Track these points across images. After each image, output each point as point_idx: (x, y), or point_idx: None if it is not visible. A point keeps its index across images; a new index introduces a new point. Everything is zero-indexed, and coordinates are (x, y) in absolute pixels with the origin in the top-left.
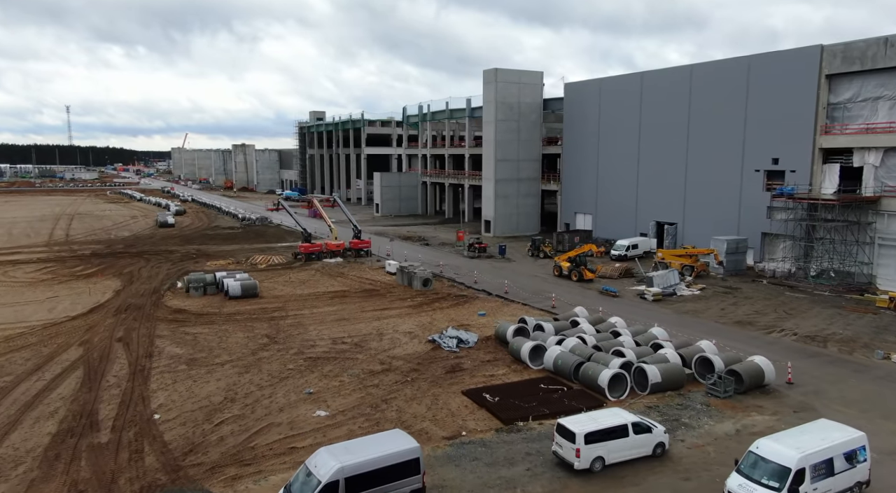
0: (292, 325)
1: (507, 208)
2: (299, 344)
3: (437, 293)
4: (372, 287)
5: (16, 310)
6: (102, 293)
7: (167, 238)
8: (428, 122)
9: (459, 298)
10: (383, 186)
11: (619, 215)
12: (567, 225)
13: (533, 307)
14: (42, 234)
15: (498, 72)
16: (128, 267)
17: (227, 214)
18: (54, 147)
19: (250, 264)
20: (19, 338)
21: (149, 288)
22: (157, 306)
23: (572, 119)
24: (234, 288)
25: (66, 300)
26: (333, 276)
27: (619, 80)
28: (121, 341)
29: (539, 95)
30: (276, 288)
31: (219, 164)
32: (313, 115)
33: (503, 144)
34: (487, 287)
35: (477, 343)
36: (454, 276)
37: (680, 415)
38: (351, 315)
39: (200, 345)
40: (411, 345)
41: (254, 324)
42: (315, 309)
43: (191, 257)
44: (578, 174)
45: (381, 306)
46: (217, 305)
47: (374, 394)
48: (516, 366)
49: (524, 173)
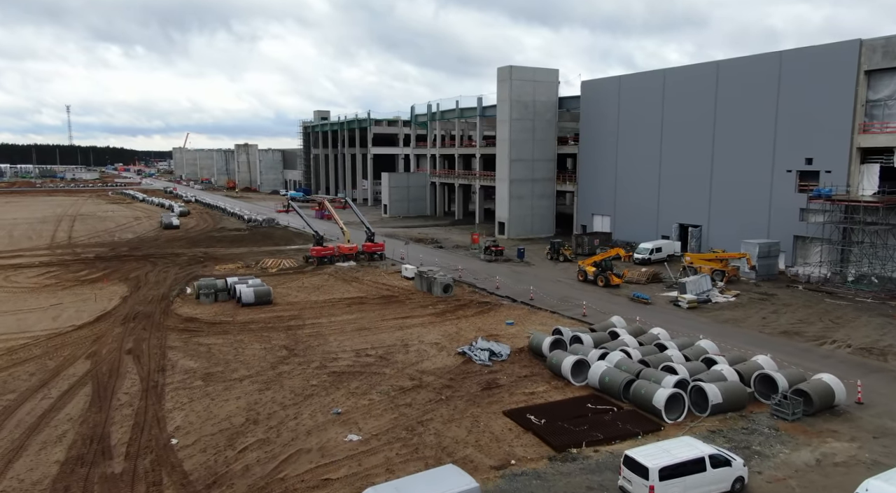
0: (311, 335)
1: (521, 210)
2: (321, 357)
3: (458, 300)
4: (390, 293)
5: (18, 318)
6: (109, 300)
7: (172, 240)
8: (437, 121)
9: (483, 305)
10: (391, 186)
11: (639, 217)
12: (583, 227)
13: (563, 316)
14: (44, 236)
15: (513, 69)
16: (134, 271)
17: (232, 216)
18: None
19: (260, 269)
20: (23, 350)
21: (157, 294)
22: (167, 314)
23: (589, 118)
24: (247, 295)
25: (71, 308)
26: (348, 281)
27: (640, 77)
28: (130, 353)
29: (554, 94)
30: (290, 294)
31: (221, 164)
32: (318, 114)
33: (518, 143)
34: (511, 293)
35: (510, 356)
36: (474, 281)
37: (749, 441)
38: (372, 324)
39: (215, 358)
40: (440, 358)
41: (270, 334)
42: (333, 317)
43: (198, 260)
44: (596, 175)
45: (403, 313)
46: (230, 312)
47: (407, 415)
48: (556, 382)
49: (539, 174)
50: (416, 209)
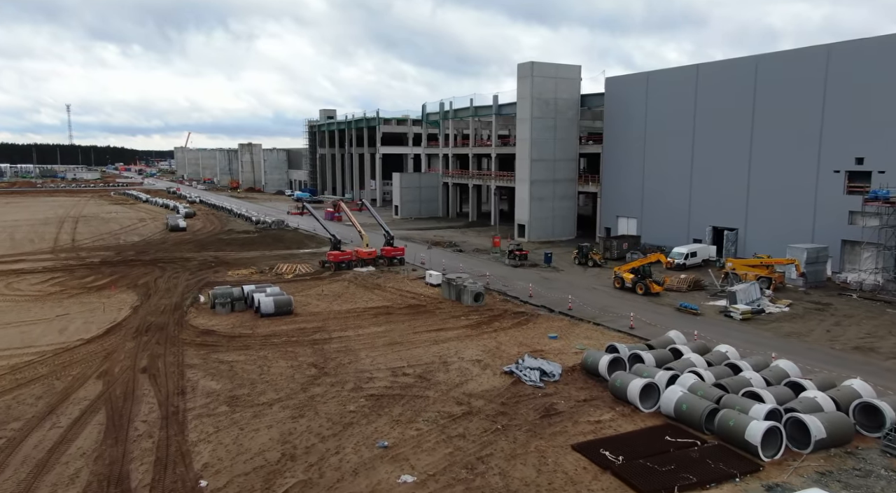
0: (339, 350)
1: (542, 212)
2: (354, 377)
3: (491, 310)
4: (417, 302)
5: (22, 331)
6: (118, 310)
7: (180, 243)
8: (450, 120)
9: (519, 315)
10: (403, 187)
11: (668, 220)
12: (607, 230)
13: (608, 328)
14: (46, 239)
15: (534, 65)
16: (142, 277)
17: (239, 217)
18: (55, 147)
19: (275, 274)
20: (28, 368)
21: (169, 303)
22: (182, 326)
23: (614, 116)
24: (266, 305)
25: (78, 318)
26: (369, 288)
27: (670, 73)
28: (145, 371)
29: (577, 91)
30: (310, 303)
31: (224, 163)
32: (324, 113)
33: (539, 142)
34: (546, 302)
35: (562, 376)
36: (504, 288)
37: (870, 487)
38: (403, 338)
39: (239, 377)
40: (485, 378)
41: (295, 349)
42: (360, 330)
43: (209, 265)
44: (621, 175)
45: (434, 325)
46: (249, 324)
47: (463, 449)
48: (622, 408)
49: (560, 174)
50: (427, 210)
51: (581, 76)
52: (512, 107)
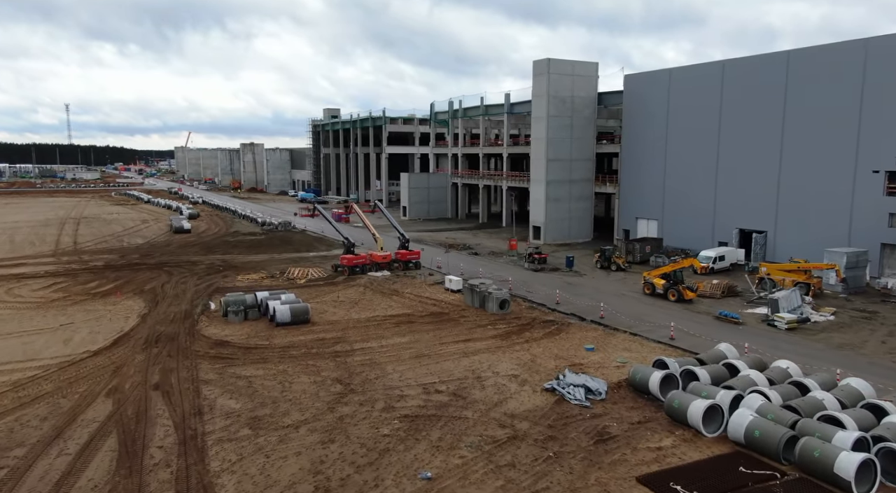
0: (364, 364)
1: (558, 213)
2: (383, 394)
3: (518, 318)
4: (438, 309)
5: (24, 342)
6: (125, 318)
7: (185, 246)
8: (459, 119)
9: (549, 325)
10: (411, 187)
11: (691, 222)
12: (626, 232)
13: (646, 339)
14: (48, 241)
15: (551, 62)
16: (148, 282)
17: (244, 218)
18: (54, 146)
19: (287, 279)
20: (31, 384)
21: (179, 311)
22: (194, 337)
23: (633, 114)
24: (282, 313)
25: (84, 328)
26: (386, 294)
27: (693, 69)
28: (158, 388)
29: (594, 88)
30: (326, 311)
31: (225, 163)
32: (327, 112)
33: (555, 142)
34: (575, 310)
35: (608, 393)
36: (528, 294)
37: None
38: (430, 349)
39: (259, 395)
40: (525, 395)
41: (316, 362)
42: (383, 341)
43: (217, 269)
44: (641, 175)
45: (461, 335)
46: (264, 334)
47: (516, 482)
48: (681, 431)
49: (577, 174)
50: (436, 211)
51: (598, 74)
52: (524, 105)
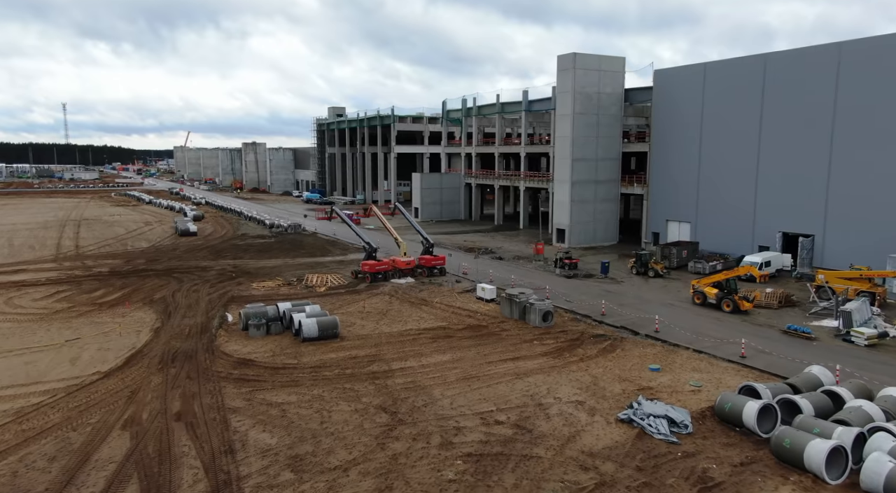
0: (408, 387)
1: (583, 215)
2: (437, 426)
3: (564, 331)
4: (475, 322)
5: (27, 361)
6: (136, 332)
7: (193, 250)
8: (473, 117)
9: (600, 339)
10: (424, 188)
11: (728, 224)
12: (655, 235)
13: (714, 357)
14: (48, 245)
15: (577, 57)
16: (158, 290)
17: (250, 220)
18: (51, 146)
19: (305, 287)
20: (36, 414)
21: (194, 324)
22: (213, 354)
23: (664, 111)
24: (308, 328)
25: (92, 344)
26: (415, 304)
27: (731, 64)
28: (180, 419)
29: (620, 85)
30: (354, 323)
31: (226, 163)
32: (332, 111)
33: (580, 140)
34: (625, 322)
35: (692, 424)
36: (568, 304)
37: None
38: (477, 370)
39: (296, 427)
40: (599, 427)
41: (354, 386)
42: (423, 359)
43: (229, 275)
44: (671, 176)
45: (507, 353)
46: (291, 351)
47: None
48: (795, 476)
49: (602, 175)
50: (449, 213)
51: (625, 69)
52: (543, 103)
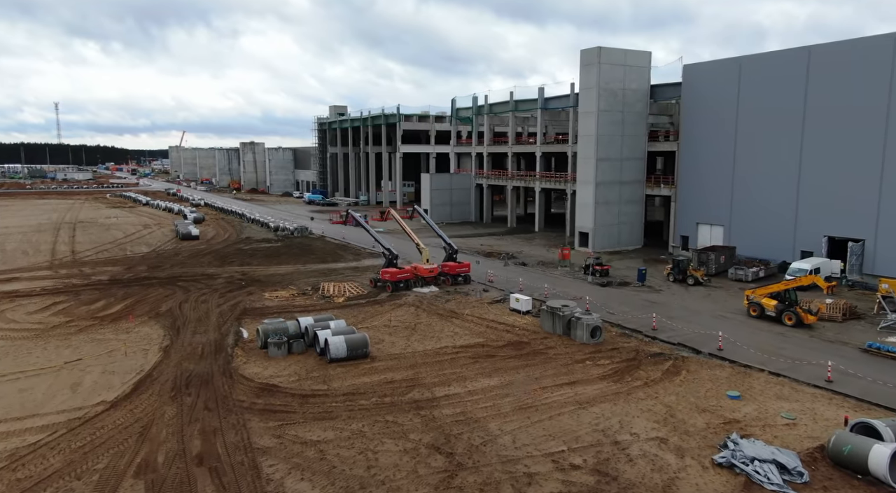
0: (458, 421)
1: (608, 218)
2: (503, 471)
3: (616, 349)
4: (515, 337)
5: (22, 388)
6: (143, 351)
7: (196, 255)
8: (485, 115)
9: (659, 359)
10: (433, 189)
11: (767, 228)
12: (684, 239)
13: (795, 381)
14: (42, 250)
15: (601, 51)
16: (163, 301)
17: (253, 223)
18: (44, 146)
19: (322, 297)
20: (34, 458)
21: (206, 342)
22: (232, 379)
23: (694, 108)
24: (336, 347)
25: (95, 366)
26: (444, 316)
27: (771, 58)
28: (202, 463)
29: (646, 81)
30: (382, 339)
31: (223, 163)
32: (334, 109)
33: (605, 139)
34: (681, 338)
35: (804, 470)
36: (610, 315)
37: None
38: (532, 397)
39: (339, 473)
40: (695, 473)
41: (396, 418)
42: (468, 383)
43: (238, 284)
44: (703, 176)
45: (562, 376)
46: (318, 374)
47: None
48: None
49: (627, 175)
50: (459, 214)
51: (651, 64)
52: (560, 100)
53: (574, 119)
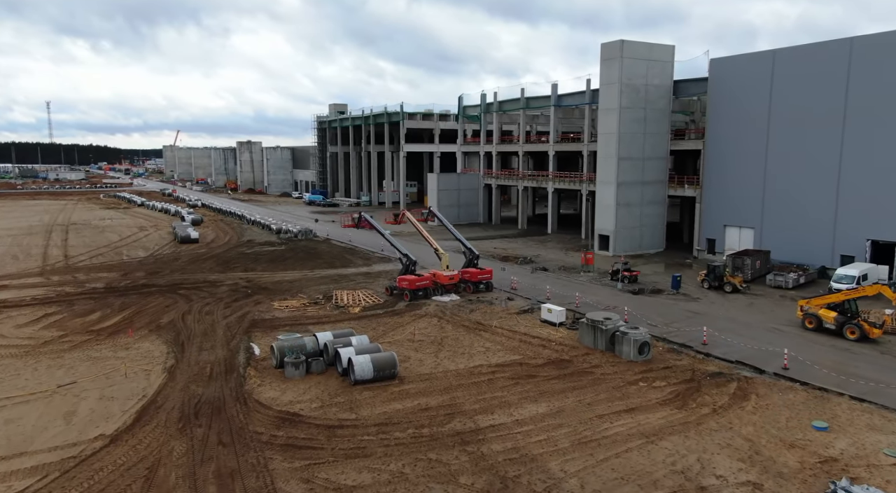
0: (511, 458)
1: (629, 220)
2: None
3: (667, 367)
4: (554, 353)
5: (8, 419)
6: (145, 372)
7: (197, 260)
8: (494, 113)
9: (720, 379)
10: (440, 189)
11: (803, 231)
12: (710, 242)
13: (888, 409)
14: (33, 254)
15: (624, 45)
16: (164, 312)
17: (254, 224)
18: (35, 145)
19: (336, 306)
20: None
21: (215, 360)
22: (247, 405)
23: (721, 104)
24: (362, 368)
25: (91, 390)
26: (471, 329)
27: (808, 50)
28: None
29: (669, 76)
30: (409, 356)
31: (219, 163)
32: (334, 108)
33: (627, 137)
34: (736, 354)
35: None
36: (649, 327)
37: None
38: (590, 428)
39: None
40: None
41: (440, 455)
42: (513, 410)
43: (244, 292)
44: (731, 176)
45: (617, 400)
46: (343, 399)
47: None
48: None
49: (649, 175)
50: (467, 216)
51: (674, 59)
52: (574, 97)
53: (590, 117)
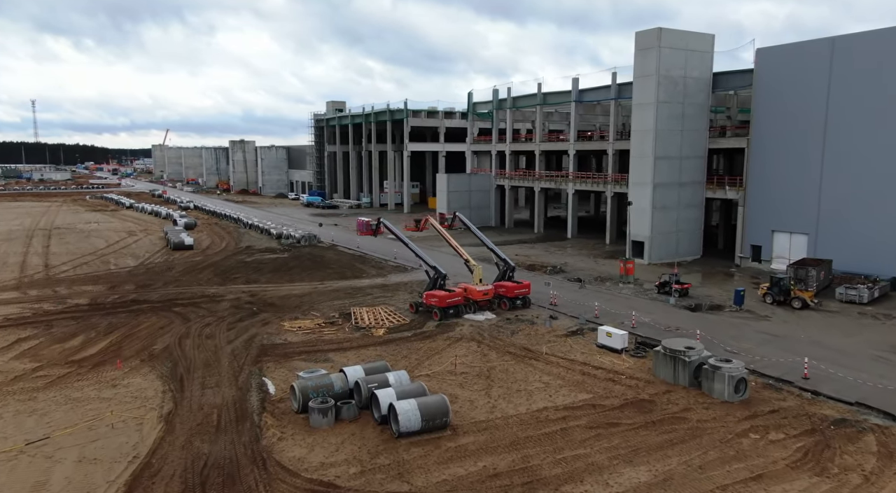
0: None
1: (665, 225)
2: None
3: (775, 410)
4: (628, 391)
5: None
6: (136, 421)
7: (192, 270)
8: (507, 110)
9: (850, 430)
10: (450, 191)
11: (866, 237)
12: (755, 249)
13: None
14: (10, 263)
15: (662, 33)
16: (158, 335)
17: (252, 229)
18: (19, 144)
19: (356, 328)
20: None
21: (222, 403)
22: (267, 470)
23: (769, 98)
24: (408, 417)
25: (69, 448)
26: (519, 356)
27: (873, 37)
28: None
29: (709, 68)
30: (456, 395)
31: (211, 163)
32: (332, 105)
33: (664, 135)
34: (854, 394)
35: None
36: (729, 354)
37: None
38: None
39: None
40: None
41: None
42: (605, 477)
43: (247, 309)
44: (780, 176)
45: (731, 459)
46: (387, 459)
47: None
48: None
49: (686, 176)
50: (478, 219)
51: (714, 50)
52: (598, 92)
53: (615, 113)
